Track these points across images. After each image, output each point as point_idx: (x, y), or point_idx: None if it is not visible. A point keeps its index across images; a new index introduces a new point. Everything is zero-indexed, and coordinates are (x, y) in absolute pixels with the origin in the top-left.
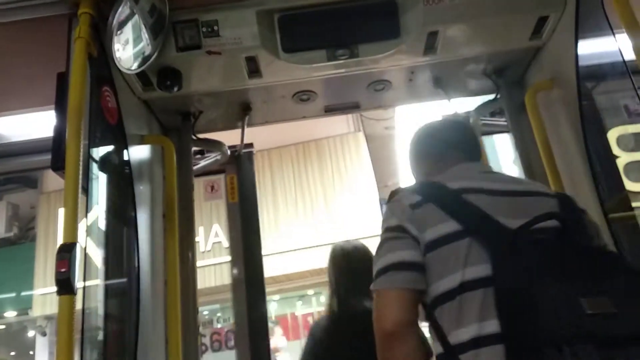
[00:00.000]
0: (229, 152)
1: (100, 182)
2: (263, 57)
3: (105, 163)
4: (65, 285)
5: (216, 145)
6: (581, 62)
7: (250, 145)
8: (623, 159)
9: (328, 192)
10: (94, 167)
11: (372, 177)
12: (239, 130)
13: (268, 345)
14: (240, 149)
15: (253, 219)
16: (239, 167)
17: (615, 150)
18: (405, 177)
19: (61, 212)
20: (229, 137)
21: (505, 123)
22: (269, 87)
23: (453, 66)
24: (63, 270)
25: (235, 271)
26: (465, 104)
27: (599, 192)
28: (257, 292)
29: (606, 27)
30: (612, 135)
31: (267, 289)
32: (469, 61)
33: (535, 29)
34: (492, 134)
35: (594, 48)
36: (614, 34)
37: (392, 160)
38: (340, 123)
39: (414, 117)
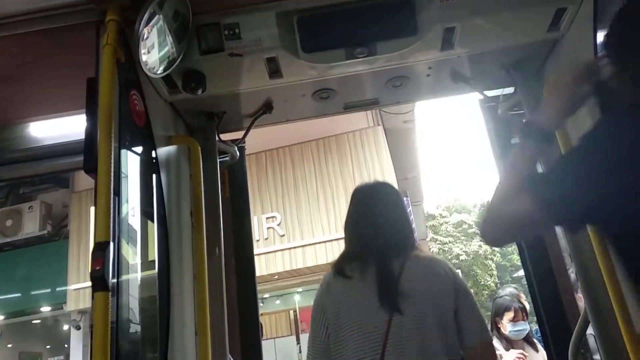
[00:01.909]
0: (238, 154)
1: (130, 181)
2: (283, 58)
3: (134, 163)
4: (100, 283)
5: (228, 147)
6: (600, 53)
7: (242, 140)
8: None
9: (349, 186)
10: (124, 167)
11: (392, 171)
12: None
13: (259, 341)
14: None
15: (244, 213)
16: (232, 162)
17: None
18: (425, 170)
19: (92, 210)
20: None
21: None
22: (289, 86)
23: (471, 61)
24: (98, 268)
25: (226, 266)
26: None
27: None
28: (248, 287)
29: None
30: None
31: (291, 282)
32: (487, 55)
33: (553, 21)
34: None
35: None
36: None
37: (412, 153)
38: (360, 118)
39: (433, 110)
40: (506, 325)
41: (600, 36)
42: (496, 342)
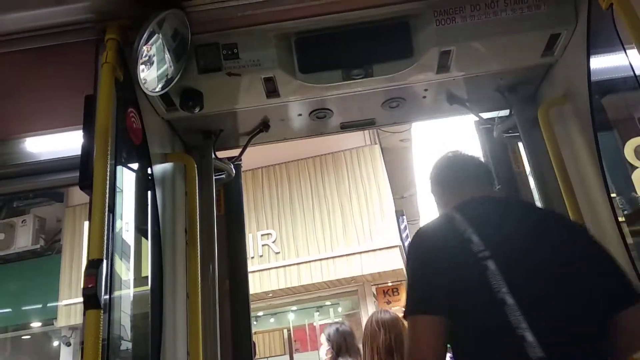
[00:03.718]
0: (234, 172)
1: (125, 198)
2: (281, 78)
3: (129, 181)
4: (92, 300)
5: (224, 165)
6: (593, 78)
7: (239, 158)
8: None
9: (345, 203)
10: (119, 184)
11: (389, 189)
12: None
13: None
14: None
15: (239, 231)
16: (228, 180)
17: (634, 161)
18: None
19: (86, 225)
20: None
21: None
22: (286, 105)
23: (466, 83)
24: (90, 285)
25: (220, 285)
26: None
27: (612, 205)
28: (241, 306)
29: (617, 43)
30: (630, 147)
31: (285, 300)
32: (482, 78)
33: (547, 46)
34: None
35: (606, 63)
36: (624, 50)
37: (408, 171)
38: (357, 136)
39: (429, 130)
40: None
41: (594, 61)
42: None
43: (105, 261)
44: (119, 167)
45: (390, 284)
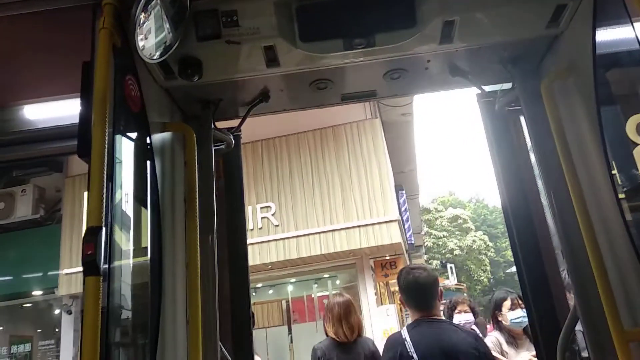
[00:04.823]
0: (233, 143)
1: (123, 167)
2: (281, 46)
3: (128, 149)
4: (91, 267)
5: (224, 135)
6: (598, 51)
7: (238, 128)
8: None
9: (344, 177)
10: (118, 153)
11: (389, 163)
12: None
13: (250, 330)
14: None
15: (239, 202)
16: (227, 151)
17: (636, 138)
18: (421, 164)
19: (85, 195)
20: None
21: None
22: (286, 75)
23: (469, 55)
24: (89, 252)
25: (219, 255)
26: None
27: (613, 182)
28: (240, 276)
29: (624, 15)
30: (632, 123)
31: (284, 272)
32: (485, 50)
33: (552, 17)
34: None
35: (612, 36)
36: (632, 22)
37: (409, 146)
38: (358, 110)
39: (431, 105)
40: (506, 316)
41: (599, 34)
42: (498, 335)
43: (104, 229)
44: (117, 135)
45: (388, 258)
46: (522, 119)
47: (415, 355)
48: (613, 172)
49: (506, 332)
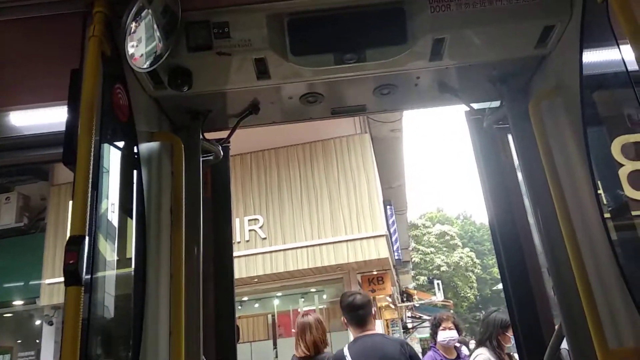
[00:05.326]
0: (222, 154)
1: (110, 176)
2: (272, 59)
3: (115, 158)
4: (73, 277)
5: (212, 146)
6: (585, 72)
7: (227, 140)
8: (627, 167)
9: (333, 191)
10: (104, 162)
11: (377, 178)
12: None
13: (234, 344)
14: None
15: (226, 214)
16: (215, 162)
17: (621, 158)
18: (409, 179)
19: (71, 204)
20: None
21: None
22: (276, 88)
23: (458, 72)
24: (71, 262)
25: (204, 267)
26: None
27: (598, 199)
28: (226, 289)
29: (611, 38)
30: (617, 144)
31: (270, 286)
32: (475, 68)
33: (540, 37)
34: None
35: (598, 58)
36: (618, 45)
37: (398, 162)
38: (348, 124)
39: (420, 121)
40: (511, 339)
41: (586, 55)
42: (491, 357)
43: (87, 238)
44: (104, 144)
45: (375, 273)
46: (509, 136)
47: None
48: (599, 191)
49: (505, 354)
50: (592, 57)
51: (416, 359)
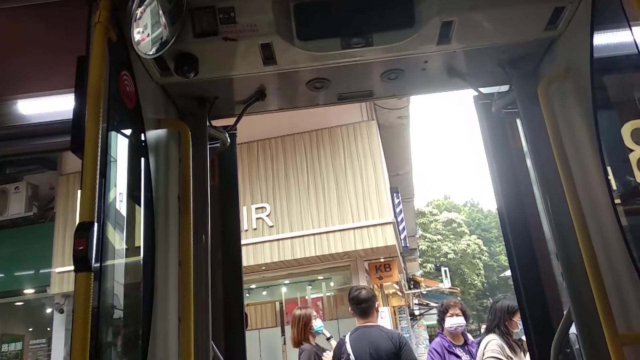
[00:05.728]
0: (228, 141)
1: (117, 163)
2: (278, 44)
3: (122, 145)
4: (82, 263)
5: (219, 134)
6: (596, 54)
7: (234, 127)
8: (637, 152)
9: (340, 179)
10: (111, 149)
11: (384, 165)
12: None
13: (243, 331)
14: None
15: (233, 201)
16: (222, 149)
17: (631, 144)
18: (417, 166)
19: (79, 193)
20: None
21: None
22: (283, 74)
23: (467, 56)
24: (81, 248)
25: (212, 255)
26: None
27: (608, 184)
28: (234, 276)
29: (622, 19)
30: (628, 128)
31: (278, 273)
32: (483, 51)
33: (550, 19)
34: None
35: (610, 40)
36: (630, 26)
37: (405, 149)
38: (354, 111)
39: (427, 108)
40: (519, 324)
41: (597, 37)
42: (502, 343)
43: (96, 224)
44: (111, 131)
45: (382, 260)
46: (518, 121)
47: (352, 353)
48: (609, 176)
49: (513, 340)
50: (603, 39)
51: (407, 348)
